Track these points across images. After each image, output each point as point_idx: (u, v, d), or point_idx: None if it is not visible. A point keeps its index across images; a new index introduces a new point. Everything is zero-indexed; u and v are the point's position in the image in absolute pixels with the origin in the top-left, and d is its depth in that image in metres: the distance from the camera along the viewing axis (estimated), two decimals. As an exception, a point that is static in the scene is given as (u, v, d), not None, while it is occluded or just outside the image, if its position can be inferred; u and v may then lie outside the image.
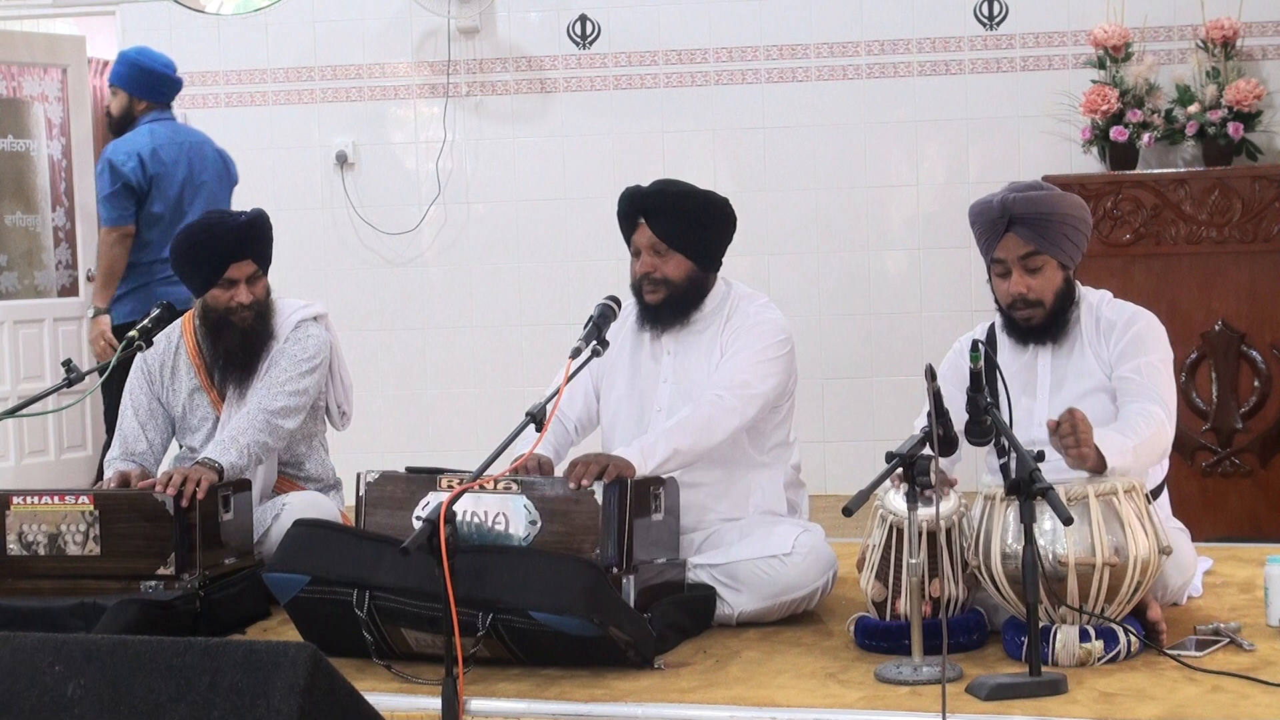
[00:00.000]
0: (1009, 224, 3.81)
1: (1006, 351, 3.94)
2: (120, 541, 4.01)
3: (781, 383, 4.12)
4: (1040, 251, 3.82)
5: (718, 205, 4.19)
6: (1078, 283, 3.97)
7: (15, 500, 4.08)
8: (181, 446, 4.60)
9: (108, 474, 4.47)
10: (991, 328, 4.03)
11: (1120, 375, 3.83)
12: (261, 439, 4.29)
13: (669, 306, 4.13)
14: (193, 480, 4.02)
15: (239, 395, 4.46)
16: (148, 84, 5.94)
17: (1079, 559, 3.40)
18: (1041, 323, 3.88)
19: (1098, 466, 3.54)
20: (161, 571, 3.98)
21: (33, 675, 2.88)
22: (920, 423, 3.58)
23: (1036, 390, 3.90)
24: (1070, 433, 3.50)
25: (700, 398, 4.00)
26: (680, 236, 4.09)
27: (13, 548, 4.06)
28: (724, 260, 4.24)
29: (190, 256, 4.46)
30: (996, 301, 3.95)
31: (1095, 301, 3.95)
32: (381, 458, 5.05)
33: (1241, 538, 5.47)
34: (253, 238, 4.45)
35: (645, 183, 4.22)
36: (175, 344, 4.56)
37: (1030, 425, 3.84)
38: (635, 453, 3.81)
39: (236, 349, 4.44)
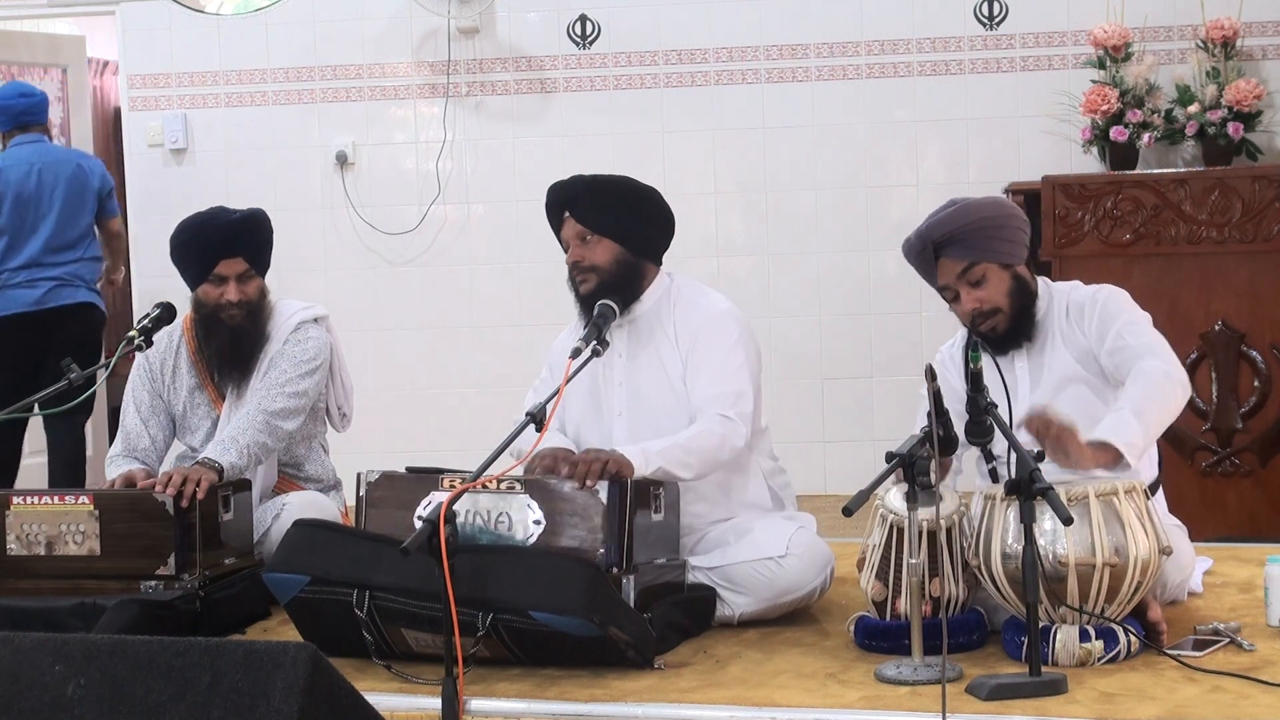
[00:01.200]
0: (935, 252, 3.84)
1: (983, 358, 3.93)
2: (120, 541, 4.02)
3: (757, 373, 4.12)
4: (975, 262, 3.83)
5: (643, 191, 4.16)
6: (1042, 279, 3.96)
7: (15, 500, 4.09)
8: (183, 446, 4.60)
9: (109, 470, 4.48)
10: (969, 335, 4.01)
11: (1107, 350, 3.79)
12: (261, 440, 4.30)
13: (602, 294, 4.04)
14: (192, 480, 4.02)
15: (237, 395, 4.47)
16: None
17: (1079, 559, 3.40)
18: (1009, 327, 3.87)
19: (1111, 459, 3.51)
20: (161, 571, 3.98)
21: (33, 675, 2.88)
22: (921, 421, 3.57)
23: (1016, 391, 3.87)
24: (1043, 426, 3.48)
25: (704, 416, 3.95)
26: (604, 221, 4.06)
27: (13, 548, 4.06)
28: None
29: (182, 250, 4.50)
30: (964, 324, 3.95)
31: (1065, 290, 3.95)
32: (382, 458, 5.02)
33: (1241, 538, 5.47)
34: (245, 236, 4.45)
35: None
36: (176, 342, 4.57)
37: (1017, 427, 3.84)
38: (637, 455, 3.79)
39: (227, 348, 4.46)
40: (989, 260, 3.83)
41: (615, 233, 4.08)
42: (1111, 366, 3.80)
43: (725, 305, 4.15)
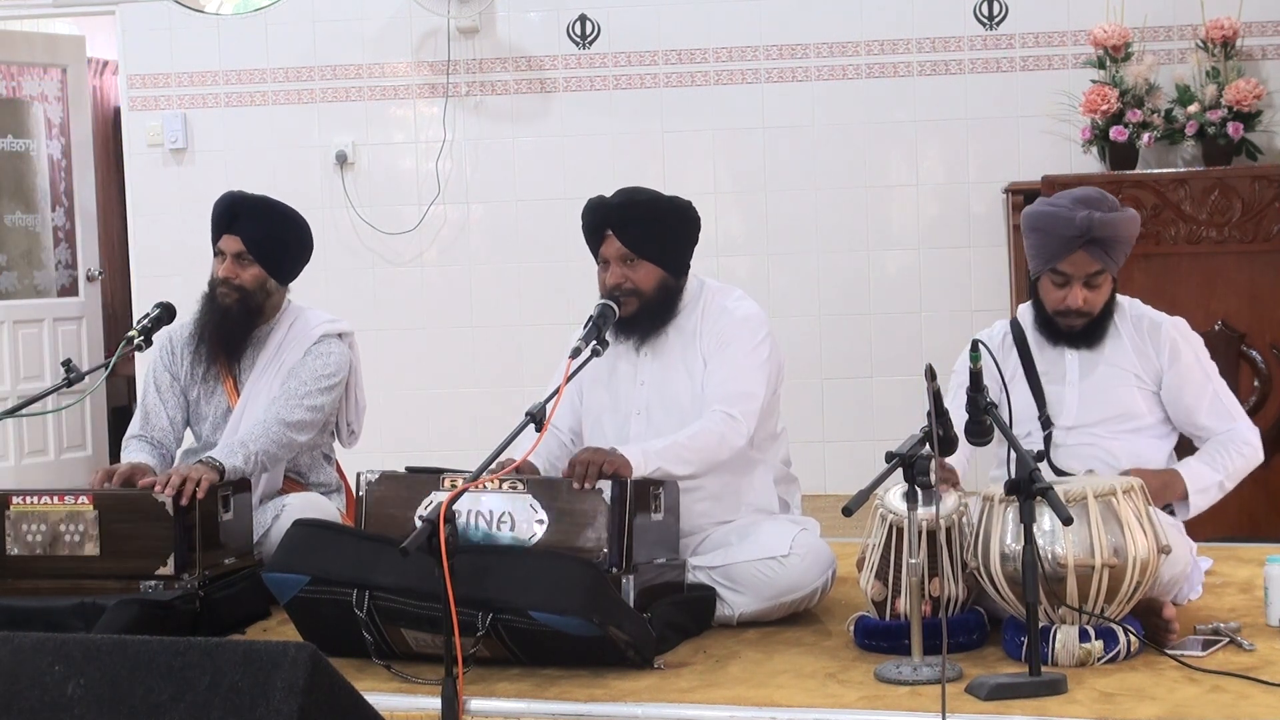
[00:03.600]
0: (1084, 244, 3.84)
1: (1034, 343, 3.98)
2: (120, 541, 4.02)
3: (773, 379, 4.12)
4: (1105, 269, 3.90)
5: (682, 210, 4.18)
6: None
7: (15, 500, 4.09)
8: (191, 436, 4.61)
9: (124, 452, 4.49)
10: (1015, 321, 4.05)
11: (1196, 409, 3.99)
12: (272, 450, 4.31)
13: (645, 317, 4.09)
14: (193, 480, 4.02)
15: (237, 383, 4.47)
16: None
17: (1078, 560, 3.40)
18: (1083, 329, 3.94)
19: (1176, 497, 3.86)
20: (161, 571, 3.98)
21: (33, 675, 2.87)
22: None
23: (1065, 377, 3.95)
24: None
25: (708, 413, 3.95)
26: (649, 245, 4.07)
27: (13, 548, 4.06)
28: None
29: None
30: (1037, 302, 3.97)
31: (1126, 303, 4.04)
32: (382, 458, 5.04)
33: (1241, 538, 5.46)
34: (245, 217, 4.49)
35: (641, 184, 4.22)
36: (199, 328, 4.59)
37: (1060, 412, 3.95)
38: (636, 454, 3.79)
39: (212, 326, 4.50)
40: (1113, 269, 3.93)
41: (658, 256, 4.09)
42: (1192, 425, 4.03)
43: (752, 309, 4.16)
